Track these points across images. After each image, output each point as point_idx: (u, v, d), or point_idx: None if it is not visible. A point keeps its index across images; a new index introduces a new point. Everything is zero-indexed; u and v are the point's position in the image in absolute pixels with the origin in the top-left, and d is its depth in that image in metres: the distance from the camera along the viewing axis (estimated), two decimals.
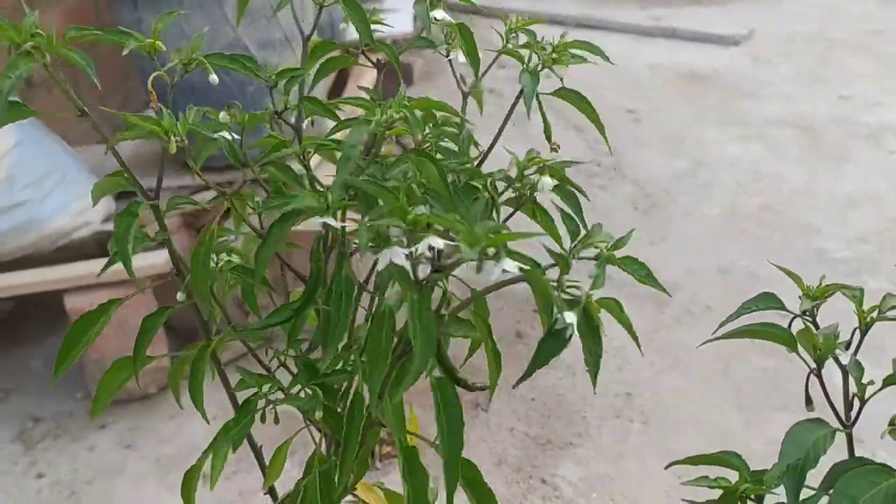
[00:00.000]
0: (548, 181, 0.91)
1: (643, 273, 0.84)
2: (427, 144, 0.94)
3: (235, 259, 1.06)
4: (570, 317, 0.71)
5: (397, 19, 2.81)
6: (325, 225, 0.85)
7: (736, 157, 3.30)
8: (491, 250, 0.68)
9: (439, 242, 0.70)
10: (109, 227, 2.02)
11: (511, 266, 0.69)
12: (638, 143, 3.39)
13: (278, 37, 2.18)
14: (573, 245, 0.81)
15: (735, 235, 2.83)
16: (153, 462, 1.97)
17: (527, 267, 0.70)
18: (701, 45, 4.35)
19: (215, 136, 0.96)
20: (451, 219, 0.70)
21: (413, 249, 0.71)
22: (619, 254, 0.81)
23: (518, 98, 0.98)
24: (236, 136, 0.99)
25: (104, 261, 1.00)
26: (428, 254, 0.72)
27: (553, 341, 0.76)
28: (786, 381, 2.14)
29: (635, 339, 0.80)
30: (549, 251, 0.76)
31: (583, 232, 0.88)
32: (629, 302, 2.58)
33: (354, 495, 1.15)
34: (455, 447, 0.84)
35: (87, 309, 1.04)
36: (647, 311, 2.44)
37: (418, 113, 0.89)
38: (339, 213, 0.88)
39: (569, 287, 0.74)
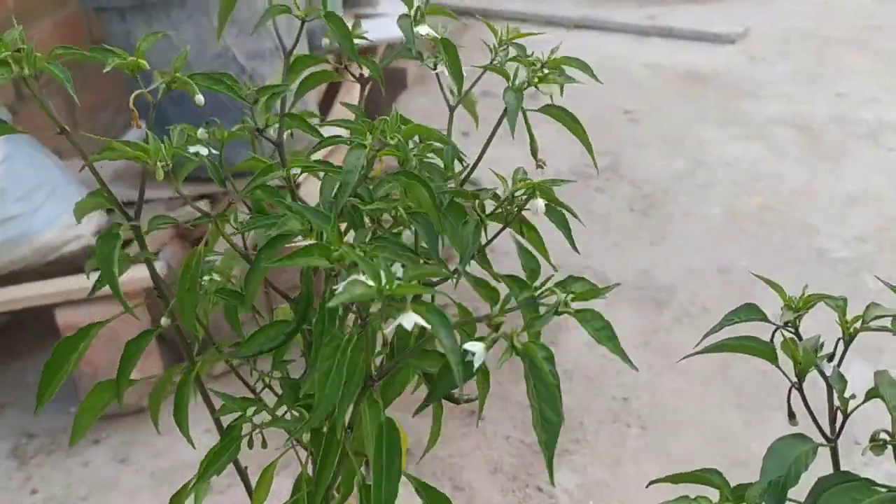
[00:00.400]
0: (540, 204, 0.89)
1: (605, 334, 0.76)
2: (412, 163, 0.93)
3: (218, 278, 1.05)
4: (475, 346, 0.69)
5: (390, 25, 2.79)
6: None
7: (735, 156, 3.29)
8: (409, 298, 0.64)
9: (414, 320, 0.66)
10: None
11: (409, 322, 0.64)
12: (636, 143, 3.37)
13: (268, 46, 2.17)
14: (533, 289, 0.77)
15: (735, 235, 2.81)
16: (147, 476, 1.96)
17: (427, 326, 0.65)
18: (697, 44, 4.34)
19: (193, 151, 0.95)
20: (369, 262, 0.67)
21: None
22: (582, 305, 0.75)
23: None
24: (214, 152, 0.98)
25: (95, 276, 0.98)
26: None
27: (448, 374, 0.74)
28: (786, 381, 2.12)
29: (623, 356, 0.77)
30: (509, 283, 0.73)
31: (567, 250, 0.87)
32: (628, 303, 2.56)
33: None
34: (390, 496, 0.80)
35: (78, 324, 1.02)
36: (645, 313, 2.43)
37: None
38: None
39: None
